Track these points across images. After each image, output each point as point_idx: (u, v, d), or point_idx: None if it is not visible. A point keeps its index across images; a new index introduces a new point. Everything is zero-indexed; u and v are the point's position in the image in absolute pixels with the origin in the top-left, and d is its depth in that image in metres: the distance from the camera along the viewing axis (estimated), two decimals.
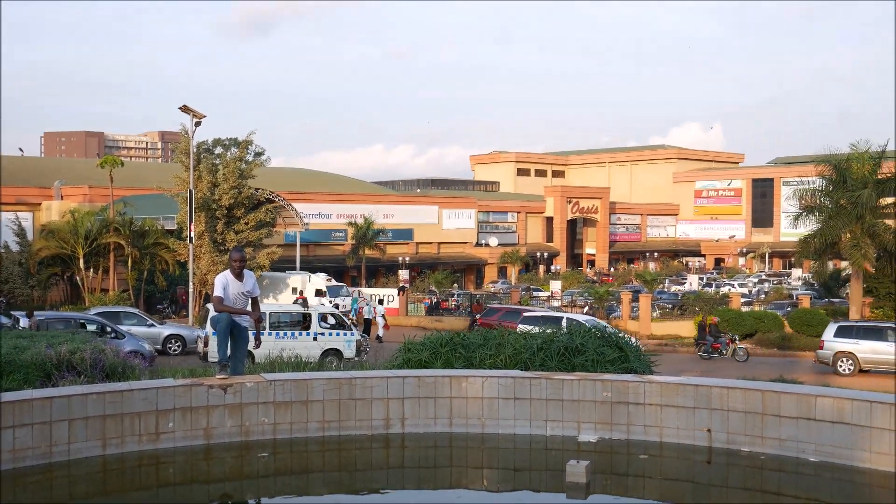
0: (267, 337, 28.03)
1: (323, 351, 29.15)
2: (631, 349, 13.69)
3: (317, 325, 30.16)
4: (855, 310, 43.21)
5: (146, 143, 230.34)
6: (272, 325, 29.54)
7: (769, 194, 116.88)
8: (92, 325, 29.10)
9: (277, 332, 29.58)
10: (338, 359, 28.90)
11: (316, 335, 29.79)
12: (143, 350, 28.61)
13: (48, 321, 28.62)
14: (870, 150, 42.77)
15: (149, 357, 28.37)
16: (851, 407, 9.91)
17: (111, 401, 9.91)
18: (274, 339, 28.32)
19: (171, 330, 35.60)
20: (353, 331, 31.09)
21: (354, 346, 30.13)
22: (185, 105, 41.99)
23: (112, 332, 28.93)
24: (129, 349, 27.53)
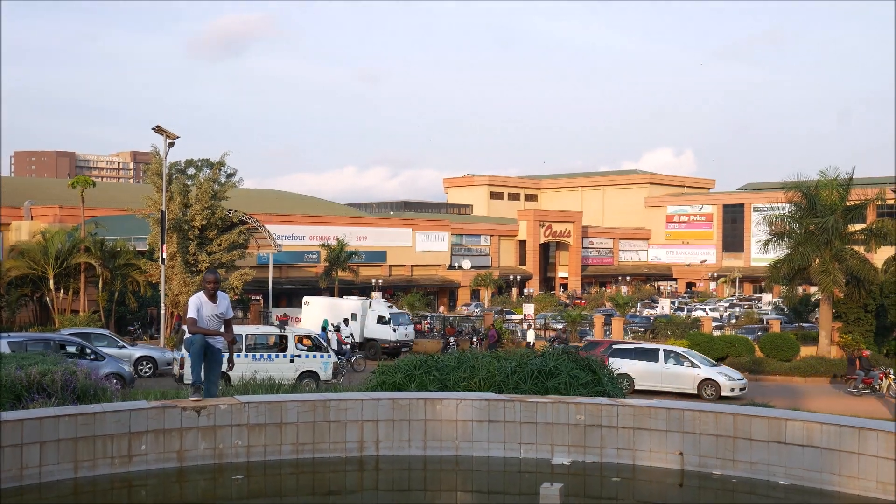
0: (244, 359, 28.10)
1: (299, 373, 29.08)
2: (604, 372, 13.78)
3: (293, 348, 30.11)
4: (825, 334, 43.65)
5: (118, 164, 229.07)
6: (249, 347, 29.48)
7: (739, 220, 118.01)
8: (71, 346, 28.79)
9: (254, 353, 29.51)
10: (314, 381, 28.84)
11: (293, 357, 29.74)
12: (122, 372, 28.38)
13: (27, 342, 28.21)
14: (838, 177, 43.39)
15: (129, 379, 28.16)
16: (821, 431, 10.03)
17: (83, 423, 9.84)
18: (251, 360, 28.27)
19: (142, 352, 35.31)
20: (329, 353, 31.08)
21: (331, 368, 30.09)
22: (159, 126, 41.87)
23: (91, 354, 28.66)
24: (108, 371, 27.33)
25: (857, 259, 43.27)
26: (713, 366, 34.03)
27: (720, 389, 32.38)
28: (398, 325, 46.47)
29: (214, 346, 11.49)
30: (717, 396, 31.90)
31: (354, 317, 46.76)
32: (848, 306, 45.19)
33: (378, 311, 47.13)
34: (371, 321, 46.66)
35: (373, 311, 47.14)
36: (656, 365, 33.45)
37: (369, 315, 47.01)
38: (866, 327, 45.16)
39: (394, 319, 46.74)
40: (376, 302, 50.16)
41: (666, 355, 33.76)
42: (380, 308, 47.90)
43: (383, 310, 47.66)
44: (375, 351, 44.90)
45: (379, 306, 48.46)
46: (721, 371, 33.57)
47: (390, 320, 46.43)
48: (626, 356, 33.74)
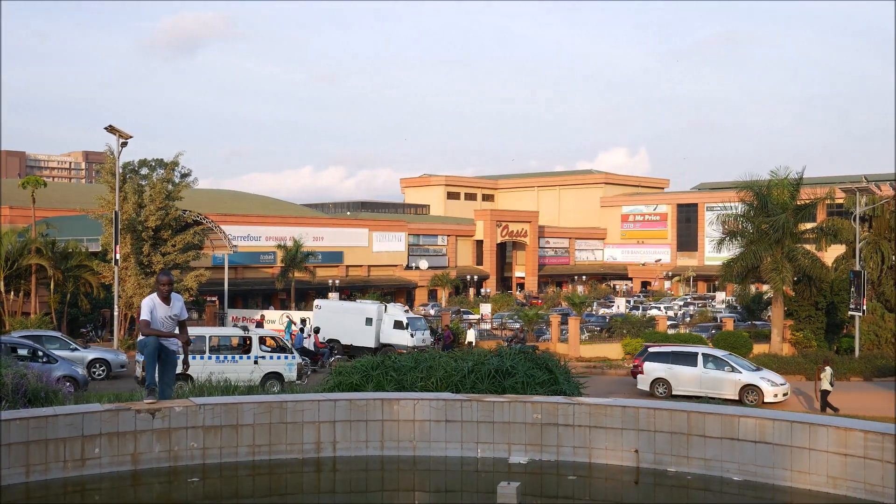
0: (207, 360, 27.95)
1: (264, 374, 28.91)
2: (560, 371, 13.87)
3: (257, 349, 29.90)
4: (777, 332, 44.32)
5: (69, 164, 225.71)
6: (212, 348, 29.34)
7: (693, 219, 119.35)
8: (23, 349, 28.29)
9: (218, 355, 29.31)
10: (279, 382, 28.70)
11: (257, 359, 29.54)
12: (76, 375, 27.97)
13: None
14: (789, 177, 44.08)
15: (82, 382, 27.75)
16: (773, 427, 10.18)
17: (35, 426, 9.69)
18: (214, 362, 28.07)
19: (95, 354, 34.82)
20: (294, 354, 30.91)
21: (296, 369, 29.95)
22: (112, 125, 41.32)
23: (44, 357, 28.20)
24: (61, 374, 26.91)
25: (807, 258, 44.00)
26: (755, 370, 32.56)
27: (763, 395, 30.79)
28: (416, 331, 45.12)
29: (169, 347, 11.39)
30: (759, 402, 30.20)
31: (370, 321, 45.29)
32: (799, 304, 45.96)
33: (395, 316, 45.91)
34: (387, 326, 45.19)
35: (389, 316, 45.88)
36: (694, 370, 32.06)
37: (385, 320, 45.64)
38: (817, 325, 45.97)
39: (411, 324, 45.44)
40: (392, 306, 49.06)
41: (705, 359, 32.31)
42: (396, 313, 46.85)
43: (400, 314, 46.58)
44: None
45: (395, 311, 47.45)
46: (763, 376, 32.04)
47: (408, 325, 45.13)
48: (661, 360, 32.85)
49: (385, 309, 46.70)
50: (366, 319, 45.32)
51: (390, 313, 46.20)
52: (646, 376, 32.88)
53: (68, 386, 26.43)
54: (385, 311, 46.34)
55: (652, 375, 32.63)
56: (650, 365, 32.98)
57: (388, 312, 46.20)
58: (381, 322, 45.43)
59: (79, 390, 25.58)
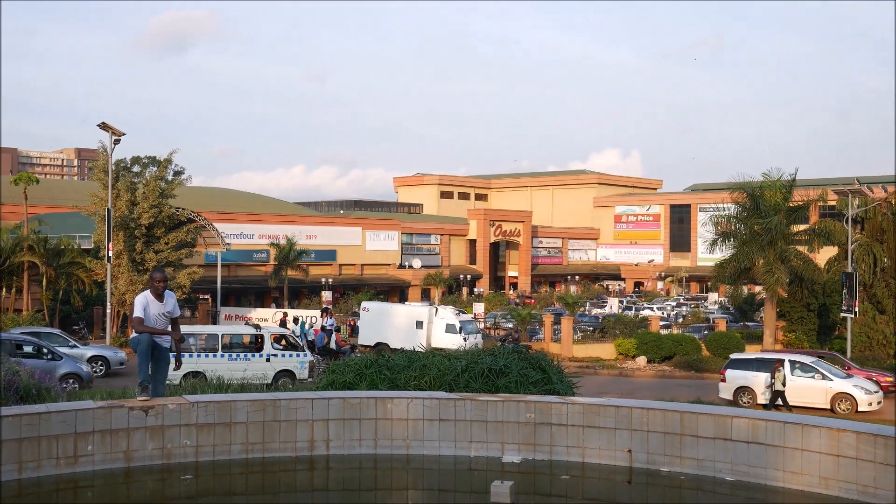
0: (220, 358, 28.49)
1: (276, 372, 29.00)
2: (553, 371, 13.88)
3: (269, 347, 30.12)
4: (769, 333, 44.40)
5: (62, 161, 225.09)
6: (225, 346, 29.62)
7: (686, 220, 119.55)
8: (28, 346, 28.41)
9: (230, 353, 29.55)
10: (291, 380, 28.87)
11: (269, 356, 29.68)
12: (80, 372, 28.05)
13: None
14: (781, 179, 44.16)
15: (86, 378, 27.79)
16: (766, 427, 10.22)
17: (28, 423, 9.68)
18: (227, 360, 28.53)
19: (94, 351, 34.68)
20: (305, 352, 31.00)
21: (307, 367, 30.07)
22: (105, 122, 41.26)
23: (48, 354, 28.24)
24: (65, 371, 27.04)
25: (800, 259, 44.09)
26: (846, 377, 30.92)
27: (857, 404, 29.25)
28: (468, 334, 43.60)
29: (162, 345, 11.36)
30: (853, 412, 28.81)
31: (420, 324, 43.69)
32: (791, 305, 46.06)
33: (446, 319, 44.45)
34: (438, 329, 43.70)
35: (440, 319, 44.46)
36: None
37: (436, 323, 44.26)
38: (809, 326, 46.08)
39: (464, 328, 43.98)
40: (443, 309, 47.50)
41: (792, 366, 30.51)
42: (447, 315, 45.28)
43: (451, 317, 45.02)
44: None
45: (446, 314, 45.83)
46: (856, 383, 30.45)
47: (461, 329, 43.73)
48: (745, 367, 31.34)
49: (436, 312, 45.40)
50: (416, 323, 43.84)
51: (441, 316, 44.85)
52: (728, 384, 31.31)
53: (72, 383, 26.62)
54: (436, 313, 45.03)
55: (735, 384, 31.08)
56: (733, 373, 31.42)
57: (438, 315, 44.87)
58: (431, 325, 43.92)
59: (83, 387, 25.69)
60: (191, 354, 28.71)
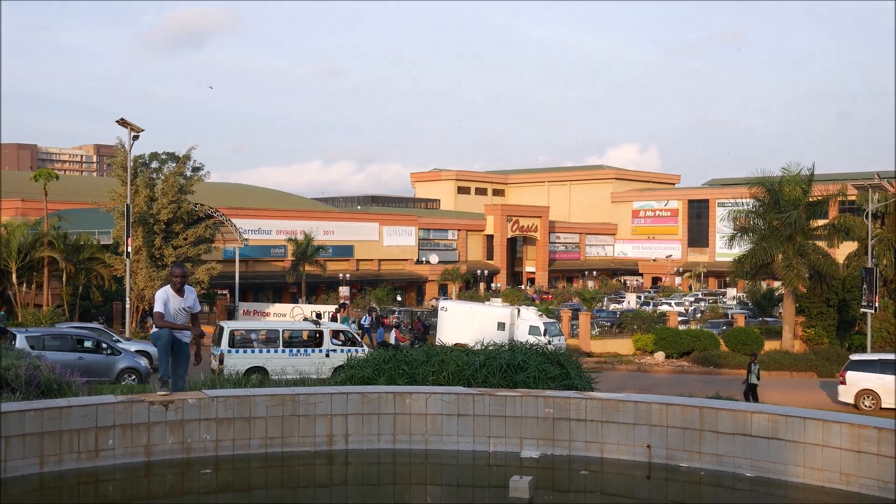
0: (281, 354, 29.27)
1: (335, 367, 29.29)
2: (572, 366, 13.87)
3: (329, 342, 30.51)
4: (788, 329, 44.20)
5: (81, 157, 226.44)
6: (285, 342, 30.31)
7: (704, 215, 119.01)
8: (88, 341, 28.72)
9: (290, 349, 30.05)
10: None
11: (328, 352, 29.93)
12: (138, 366, 28.36)
13: (45, 337, 28.06)
14: (801, 173, 43.91)
15: (145, 373, 28.08)
16: (786, 423, 10.16)
17: (49, 417, 9.75)
18: (287, 356, 29.18)
19: (137, 346, 34.52)
20: (363, 347, 31.19)
21: None
22: (123, 118, 41.45)
23: (108, 349, 28.56)
24: (124, 365, 27.40)
25: (819, 254, 43.86)
26: None
27: None
28: (553, 336, 41.31)
29: (182, 340, 11.40)
30: None
31: (502, 326, 42.22)
32: (811, 301, 45.78)
33: (529, 321, 42.80)
34: (521, 331, 41.69)
35: (523, 321, 42.81)
36: None
37: (519, 324, 42.63)
38: (829, 321, 45.80)
39: (548, 330, 42.19)
40: (525, 310, 45.86)
41: None
42: (531, 317, 43.66)
43: (535, 319, 43.35)
44: None
45: (529, 315, 44.18)
46: None
47: (545, 331, 41.75)
48: (868, 369, 29.51)
49: (518, 313, 43.84)
50: (497, 324, 42.33)
51: (524, 317, 43.32)
52: (849, 387, 29.73)
53: (132, 377, 27.05)
54: (518, 315, 43.50)
55: (857, 386, 29.40)
56: (854, 375, 29.68)
57: (521, 316, 43.32)
58: (514, 327, 42.44)
59: (142, 382, 26.16)
60: (252, 350, 29.70)
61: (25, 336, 27.46)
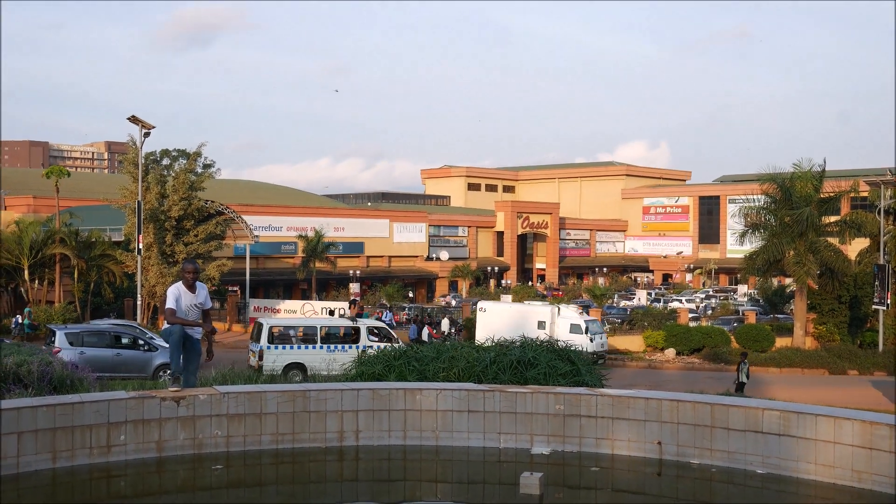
0: (318, 350, 29.90)
1: None
2: (582, 363, 13.84)
3: (366, 339, 30.94)
4: (799, 325, 44.03)
5: (92, 154, 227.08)
6: (323, 338, 31.03)
7: (715, 211, 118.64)
8: (126, 337, 29.16)
9: (328, 345, 30.62)
10: None
11: (365, 348, 30.22)
12: None
13: (84, 334, 28.56)
14: (812, 170, 43.74)
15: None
16: (797, 420, 10.12)
17: (62, 413, 9.79)
18: (325, 352, 29.69)
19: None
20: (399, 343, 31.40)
21: None
22: (134, 116, 41.56)
23: (145, 345, 28.95)
24: (161, 361, 27.68)
25: (831, 250, 43.68)
26: None
27: None
28: (594, 335, 41.51)
29: (193, 336, 11.42)
30: None
31: (542, 325, 40.78)
32: (822, 297, 45.61)
33: (570, 319, 41.88)
34: (562, 330, 40.64)
35: (563, 319, 41.78)
36: None
37: (559, 323, 41.49)
38: (840, 318, 45.62)
39: (589, 328, 41.62)
40: (566, 308, 44.92)
41: None
42: (571, 315, 42.71)
43: (576, 317, 42.51)
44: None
45: (570, 313, 43.22)
46: None
47: (587, 329, 41.19)
48: None
49: (558, 311, 42.86)
50: (538, 323, 41.17)
51: (564, 315, 42.32)
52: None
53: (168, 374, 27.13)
54: (558, 313, 42.52)
55: None
56: None
57: (561, 315, 42.29)
58: (554, 326, 41.25)
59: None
60: (290, 346, 30.34)
61: (65, 333, 28.13)
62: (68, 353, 27.72)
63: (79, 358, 27.72)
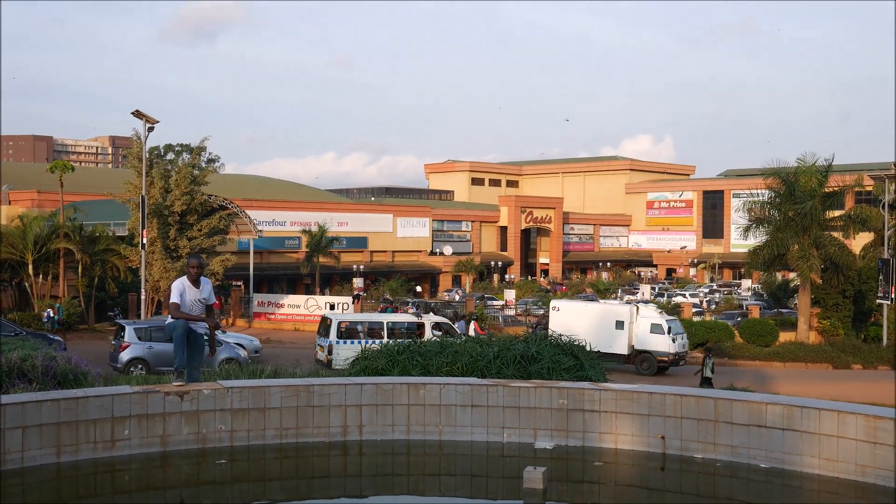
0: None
1: None
2: (586, 357, 13.85)
3: (429, 333, 31.18)
4: (803, 320, 44.00)
5: (96, 148, 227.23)
6: (389, 333, 31.75)
7: (719, 206, 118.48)
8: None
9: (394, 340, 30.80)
10: None
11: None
12: (238, 357, 28.98)
13: (152, 329, 28.91)
14: (817, 164, 43.68)
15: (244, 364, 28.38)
16: (801, 414, 10.12)
17: (66, 408, 9.81)
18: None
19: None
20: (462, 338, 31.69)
21: None
22: (139, 110, 41.53)
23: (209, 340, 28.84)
24: (225, 356, 27.91)
25: (835, 245, 43.65)
26: None
27: None
28: (677, 335, 39.58)
29: (197, 331, 11.45)
30: None
31: (621, 324, 39.43)
32: (826, 292, 45.59)
33: (650, 318, 39.90)
34: (642, 330, 39.26)
35: (643, 318, 39.89)
36: None
37: (639, 322, 39.65)
38: (844, 313, 45.62)
39: (672, 327, 39.64)
40: (645, 307, 43.28)
41: None
42: (651, 314, 40.84)
43: (656, 316, 40.52)
44: (649, 364, 38.15)
45: (649, 312, 41.41)
46: None
47: (670, 329, 39.16)
48: None
49: (637, 310, 41.19)
50: (616, 323, 39.73)
51: (644, 314, 40.43)
52: None
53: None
54: (637, 312, 40.76)
55: None
56: None
57: (641, 314, 40.48)
58: (634, 325, 39.72)
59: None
60: (357, 341, 30.61)
61: (134, 328, 28.79)
62: (137, 347, 28.11)
63: (147, 352, 28.06)
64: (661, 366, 37.82)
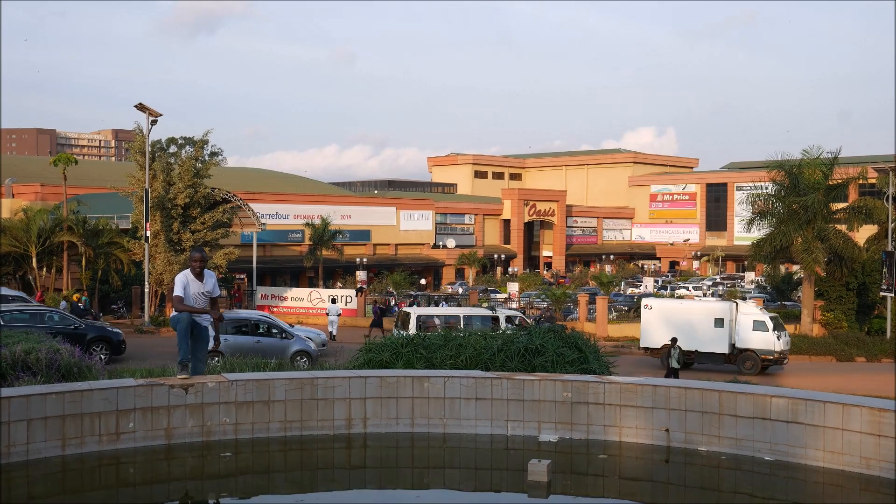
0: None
1: None
2: (590, 350, 13.85)
3: (504, 325, 31.91)
4: (807, 312, 43.97)
5: (99, 141, 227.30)
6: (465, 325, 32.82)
7: (723, 199, 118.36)
8: (263, 325, 30.02)
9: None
10: None
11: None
12: (309, 350, 29.22)
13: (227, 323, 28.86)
14: (821, 157, 43.60)
15: (315, 356, 28.84)
16: (805, 407, 10.12)
17: (71, 401, 9.82)
18: None
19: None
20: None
21: None
22: (141, 103, 41.56)
23: (280, 332, 29.55)
24: (297, 349, 28.53)
25: (839, 237, 43.60)
26: None
27: None
28: (781, 332, 37.79)
29: (201, 324, 11.44)
30: None
31: (720, 322, 37.78)
32: (830, 284, 45.56)
33: (752, 315, 37.98)
34: (744, 327, 37.41)
35: (744, 315, 37.93)
36: None
37: (740, 320, 37.75)
38: (848, 305, 45.59)
39: (776, 325, 37.75)
40: (744, 303, 40.91)
41: None
42: (752, 311, 38.83)
43: (759, 313, 38.46)
44: (753, 364, 36.59)
45: (750, 309, 39.36)
46: None
47: (774, 327, 37.37)
48: None
49: (737, 307, 39.00)
50: (714, 320, 37.98)
51: (745, 311, 38.53)
52: None
53: (303, 361, 27.87)
54: (737, 308, 38.71)
55: None
56: None
57: (741, 311, 38.47)
58: (735, 323, 38.03)
59: (312, 365, 27.26)
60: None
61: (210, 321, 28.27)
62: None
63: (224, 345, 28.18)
64: (765, 364, 36.49)
